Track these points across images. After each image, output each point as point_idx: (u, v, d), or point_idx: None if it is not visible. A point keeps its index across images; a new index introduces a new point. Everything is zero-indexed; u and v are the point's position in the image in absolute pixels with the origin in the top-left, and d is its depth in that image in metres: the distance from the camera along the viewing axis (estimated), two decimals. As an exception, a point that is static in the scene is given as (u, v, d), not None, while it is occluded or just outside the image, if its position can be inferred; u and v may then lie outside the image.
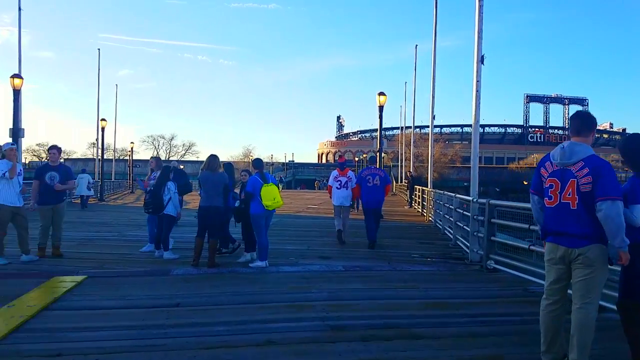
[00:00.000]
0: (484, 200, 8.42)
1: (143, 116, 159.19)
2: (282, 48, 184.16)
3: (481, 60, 10.04)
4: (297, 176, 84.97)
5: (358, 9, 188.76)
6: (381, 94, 18.34)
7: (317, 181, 67.58)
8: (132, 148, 45.05)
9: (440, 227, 13.31)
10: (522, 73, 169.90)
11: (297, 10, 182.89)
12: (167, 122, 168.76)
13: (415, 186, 25.07)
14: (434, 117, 18.90)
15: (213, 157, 8.25)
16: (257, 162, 8.51)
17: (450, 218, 11.92)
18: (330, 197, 11.40)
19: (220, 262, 8.29)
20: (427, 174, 33.67)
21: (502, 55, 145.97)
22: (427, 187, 21.38)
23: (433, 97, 18.81)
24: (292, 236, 12.28)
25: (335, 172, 11.31)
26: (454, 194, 11.09)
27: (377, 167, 11.79)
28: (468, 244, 9.38)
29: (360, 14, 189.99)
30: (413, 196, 25.43)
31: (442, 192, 13.63)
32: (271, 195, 7.88)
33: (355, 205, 13.45)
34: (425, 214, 18.18)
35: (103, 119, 29.12)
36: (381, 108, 18.38)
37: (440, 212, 13.69)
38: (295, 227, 14.37)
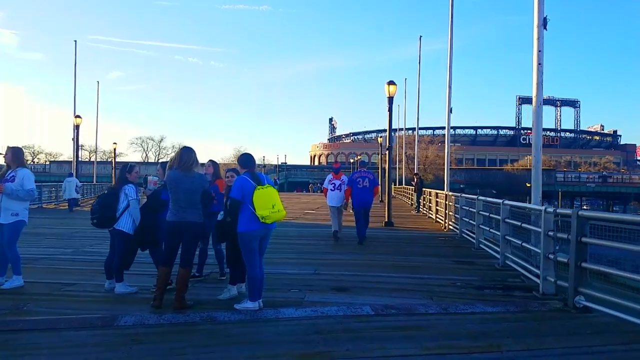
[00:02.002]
0: (568, 211, 5.97)
1: (134, 118, 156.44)
2: (273, 50, 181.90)
3: (543, 24, 7.63)
4: (289, 178, 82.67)
5: (350, 11, 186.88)
6: (391, 83, 15.85)
7: (311, 184, 65.09)
8: (115, 149, 42.20)
9: (474, 240, 10.83)
10: (514, 75, 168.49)
11: (289, 12, 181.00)
12: (157, 123, 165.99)
13: (424, 189, 22.70)
14: (450, 111, 16.46)
15: (187, 151, 5.69)
16: (246, 159, 5.83)
17: (493, 231, 9.48)
18: (327, 199, 12.15)
19: (193, 300, 5.77)
20: (424, 175, 31.25)
21: (494, 57, 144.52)
22: (434, 190, 19.01)
23: (449, 86, 16.36)
24: (291, 252, 9.77)
25: (330, 176, 12.08)
26: (501, 200, 8.62)
27: (367, 169, 12.42)
28: (533, 269, 6.95)
29: (352, 16, 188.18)
30: (421, 200, 23.06)
31: (474, 196, 11.18)
32: (269, 201, 5.31)
33: (344, 206, 12.29)
34: (442, 221, 15.72)
35: (78, 116, 26.39)
36: (391, 99, 15.88)
37: (472, 222, 11.22)
38: (294, 240, 11.85)
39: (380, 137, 37.49)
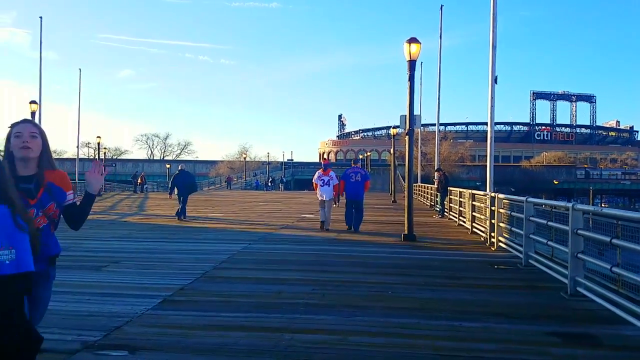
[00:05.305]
0: None
1: (143, 116, 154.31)
2: (283, 47, 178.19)
3: None
4: (296, 176, 78.97)
5: (359, 7, 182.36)
6: (412, 40, 11.40)
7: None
8: (99, 143, 38.15)
9: (563, 278, 6.39)
10: (528, 70, 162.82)
11: (299, 9, 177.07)
12: (166, 121, 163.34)
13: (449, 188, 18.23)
14: (495, 80, 12.01)
15: None
16: None
17: (619, 271, 5.07)
18: (317, 193, 13.03)
19: None
20: (433, 172, 26.93)
21: (508, 52, 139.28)
22: (468, 190, 14.61)
23: (494, 46, 11.87)
24: (240, 309, 5.43)
25: (319, 172, 13.00)
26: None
27: (359, 166, 13.63)
28: None
29: (362, 11, 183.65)
30: (445, 202, 18.59)
31: (560, 203, 6.76)
32: None
33: (334, 201, 13.60)
34: (484, 234, 11.27)
35: (33, 102, 22.28)
36: (412, 64, 11.39)
37: (557, 246, 6.80)
38: (274, 270, 7.48)
39: (395, 129, 33.05)
